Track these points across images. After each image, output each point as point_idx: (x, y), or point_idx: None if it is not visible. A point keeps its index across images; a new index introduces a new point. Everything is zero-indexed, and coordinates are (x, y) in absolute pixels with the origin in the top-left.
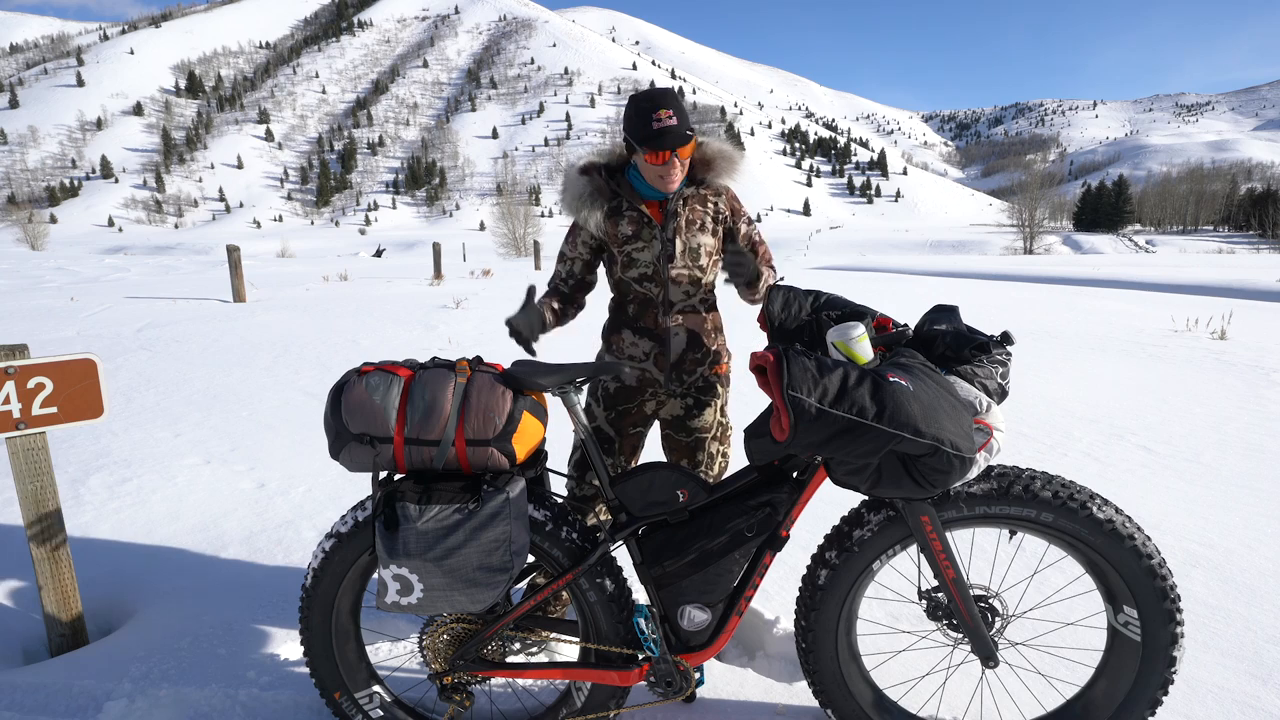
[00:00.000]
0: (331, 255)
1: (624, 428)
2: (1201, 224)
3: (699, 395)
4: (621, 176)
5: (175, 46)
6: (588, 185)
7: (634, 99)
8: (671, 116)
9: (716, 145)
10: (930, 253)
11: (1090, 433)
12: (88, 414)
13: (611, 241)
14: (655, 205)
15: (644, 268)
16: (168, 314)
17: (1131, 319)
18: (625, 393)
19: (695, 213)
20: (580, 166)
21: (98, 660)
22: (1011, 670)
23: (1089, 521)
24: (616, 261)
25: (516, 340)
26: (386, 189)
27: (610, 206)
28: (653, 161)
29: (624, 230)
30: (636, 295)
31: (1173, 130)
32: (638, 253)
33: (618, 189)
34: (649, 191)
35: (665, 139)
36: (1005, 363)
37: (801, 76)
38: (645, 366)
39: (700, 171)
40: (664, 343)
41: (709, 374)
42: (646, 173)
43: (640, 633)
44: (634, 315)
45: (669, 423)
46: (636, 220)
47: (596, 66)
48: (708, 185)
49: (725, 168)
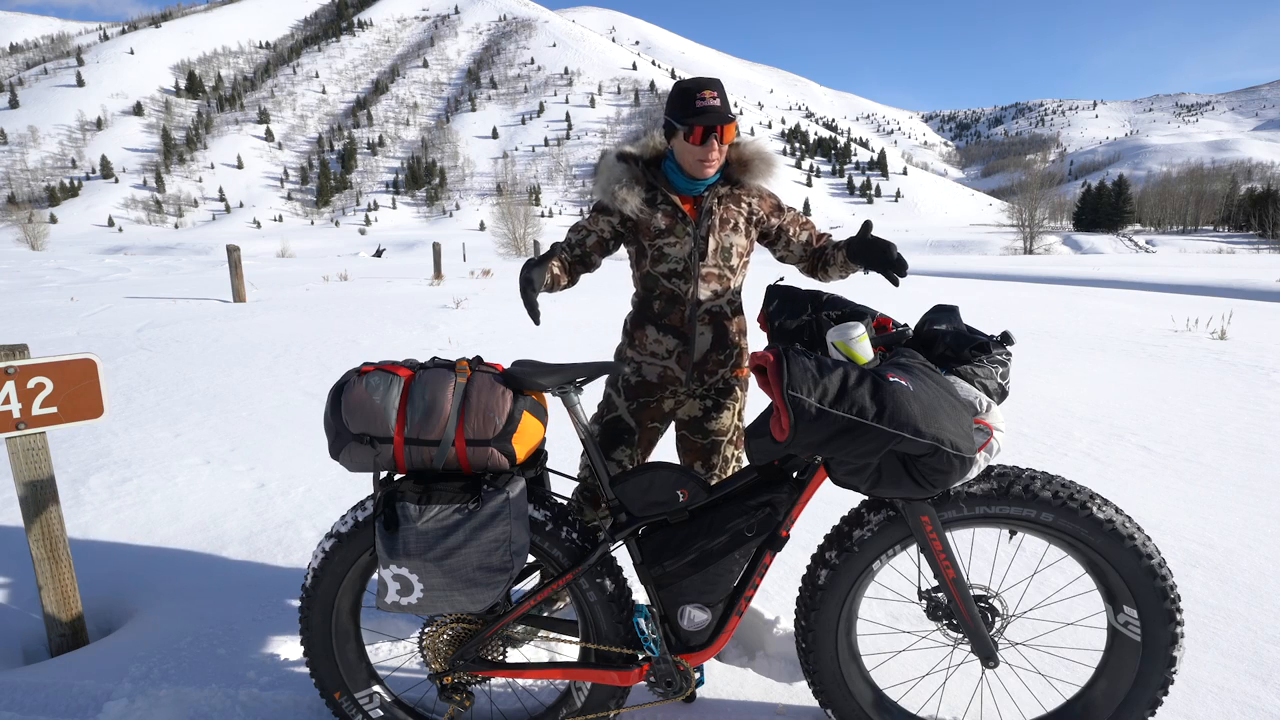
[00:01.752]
0: (331, 255)
1: (644, 421)
2: (1201, 224)
3: (718, 397)
4: (657, 169)
5: (175, 46)
6: (626, 171)
7: (679, 84)
8: (716, 98)
9: (755, 146)
10: (930, 253)
11: (1090, 433)
12: (88, 414)
13: (643, 233)
14: (690, 201)
15: (674, 264)
16: (168, 314)
17: (1131, 319)
18: (646, 386)
19: (730, 212)
20: (617, 154)
21: (98, 660)
22: (1011, 670)
23: (1089, 521)
24: (647, 255)
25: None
26: (386, 189)
27: (646, 196)
28: (694, 142)
29: (658, 223)
30: (664, 291)
31: (1173, 130)
32: (669, 248)
33: (654, 180)
34: (684, 186)
35: (708, 115)
36: (1005, 363)
37: (801, 76)
38: (668, 364)
39: (737, 172)
40: (688, 341)
41: (730, 376)
42: (685, 158)
43: (640, 633)
44: (659, 311)
45: (686, 424)
46: (671, 214)
47: (596, 66)
48: (743, 186)
49: (762, 169)
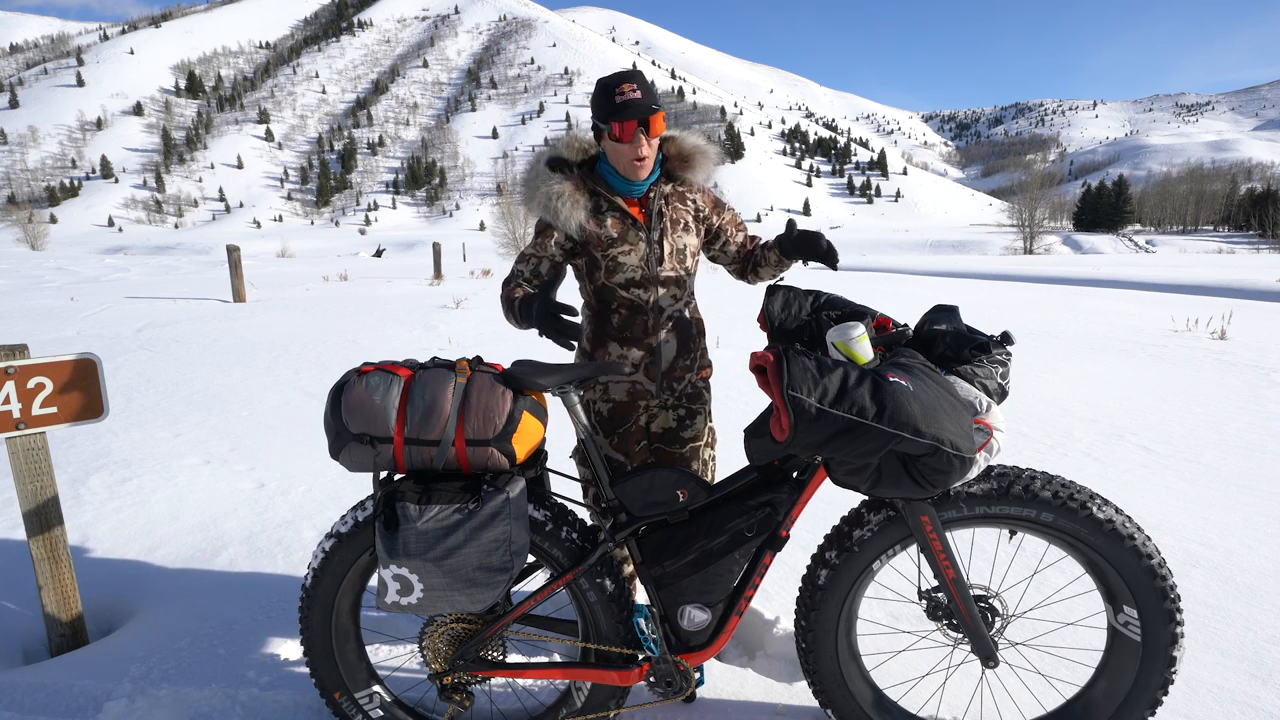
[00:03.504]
0: (331, 255)
1: (629, 449)
2: (1201, 224)
3: (689, 404)
4: (593, 172)
5: (175, 46)
6: (563, 181)
7: (600, 81)
8: (635, 90)
9: (692, 140)
10: (930, 253)
11: (1090, 433)
12: (88, 414)
13: (594, 245)
14: (636, 204)
15: (630, 272)
16: (168, 314)
17: (1131, 319)
18: (619, 411)
19: (678, 211)
20: (547, 160)
21: (98, 660)
22: (1011, 670)
23: (1089, 521)
24: (600, 267)
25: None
26: (386, 189)
27: (590, 206)
28: (624, 138)
29: (608, 232)
30: (623, 302)
31: (1173, 130)
32: (623, 256)
33: (595, 186)
34: (625, 188)
35: (630, 109)
36: (1005, 363)
37: (801, 76)
38: (635, 377)
39: (677, 168)
40: (654, 351)
41: (696, 380)
42: (618, 159)
43: (640, 633)
44: (620, 325)
45: (660, 436)
46: (620, 221)
47: (596, 66)
48: (684, 182)
49: (701, 163)
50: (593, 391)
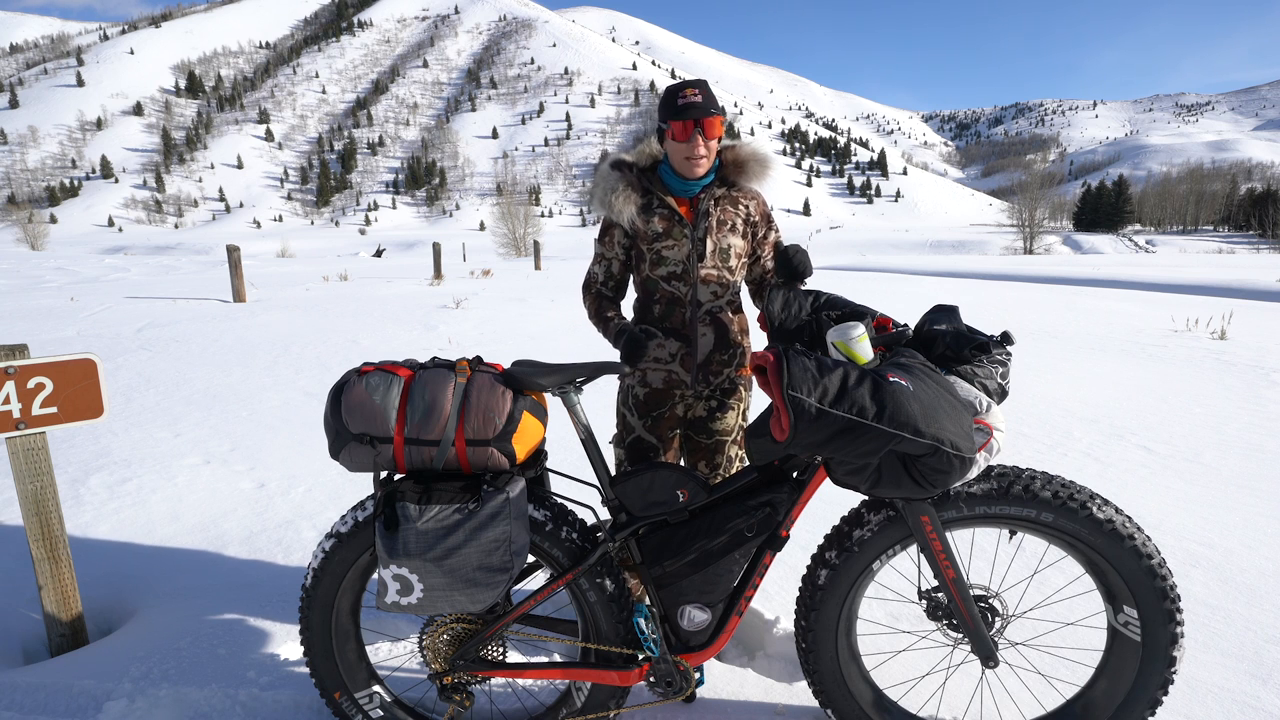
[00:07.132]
0: (331, 255)
1: (663, 433)
2: (1201, 224)
3: (723, 398)
4: (653, 173)
5: (175, 46)
6: (620, 180)
7: (667, 87)
8: (697, 94)
9: (750, 148)
10: (930, 253)
11: (1090, 433)
12: (88, 414)
13: (641, 239)
14: (686, 204)
15: (673, 266)
16: (168, 314)
17: (1131, 319)
18: (656, 397)
19: (726, 214)
20: (612, 161)
21: (98, 660)
22: (1011, 670)
23: (1089, 521)
24: (645, 259)
25: (634, 349)
26: (386, 189)
27: (642, 203)
28: (680, 138)
29: (654, 227)
30: (664, 294)
31: (1173, 130)
32: (667, 251)
33: (649, 185)
34: (679, 188)
35: (690, 110)
36: (1005, 363)
37: (801, 76)
38: (671, 368)
39: (733, 174)
40: (691, 343)
41: (734, 375)
42: (675, 157)
43: (640, 633)
44: (660, 315)
45: (691, 424)
46: (667, 217)
47: (596, 66)
48: (739, 188)
49: (758, 171)
50: (631, 377)
